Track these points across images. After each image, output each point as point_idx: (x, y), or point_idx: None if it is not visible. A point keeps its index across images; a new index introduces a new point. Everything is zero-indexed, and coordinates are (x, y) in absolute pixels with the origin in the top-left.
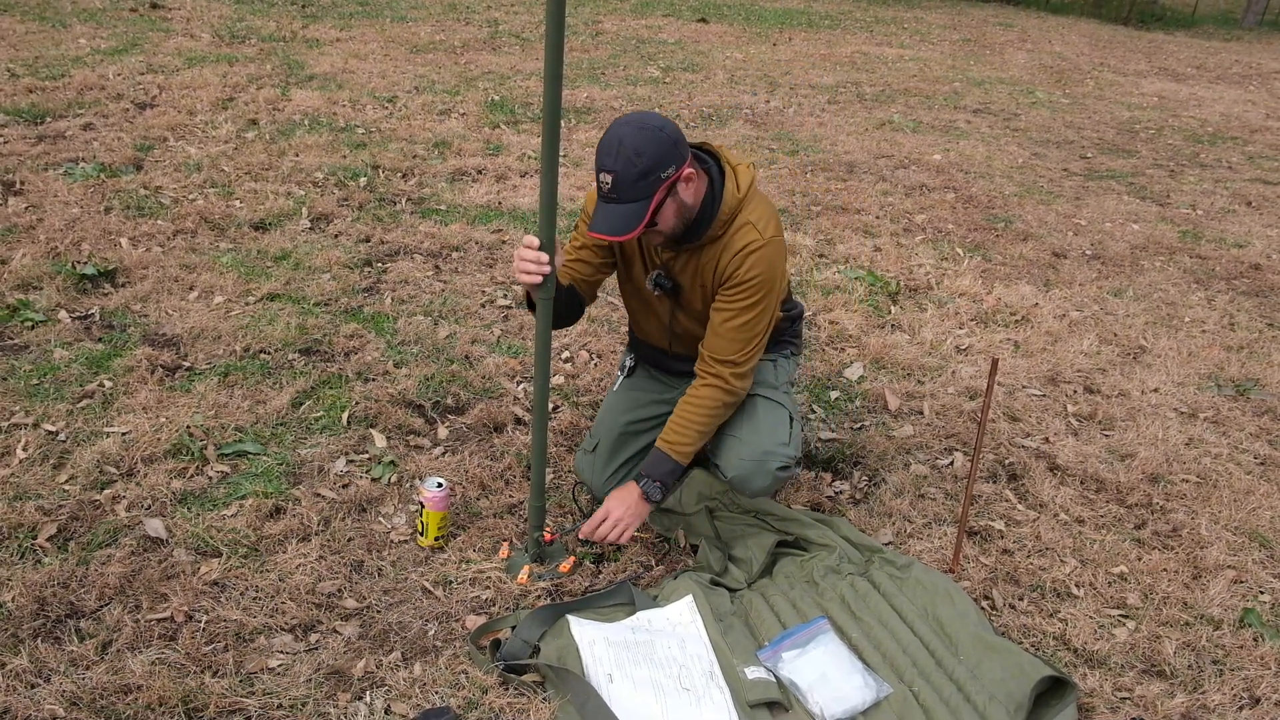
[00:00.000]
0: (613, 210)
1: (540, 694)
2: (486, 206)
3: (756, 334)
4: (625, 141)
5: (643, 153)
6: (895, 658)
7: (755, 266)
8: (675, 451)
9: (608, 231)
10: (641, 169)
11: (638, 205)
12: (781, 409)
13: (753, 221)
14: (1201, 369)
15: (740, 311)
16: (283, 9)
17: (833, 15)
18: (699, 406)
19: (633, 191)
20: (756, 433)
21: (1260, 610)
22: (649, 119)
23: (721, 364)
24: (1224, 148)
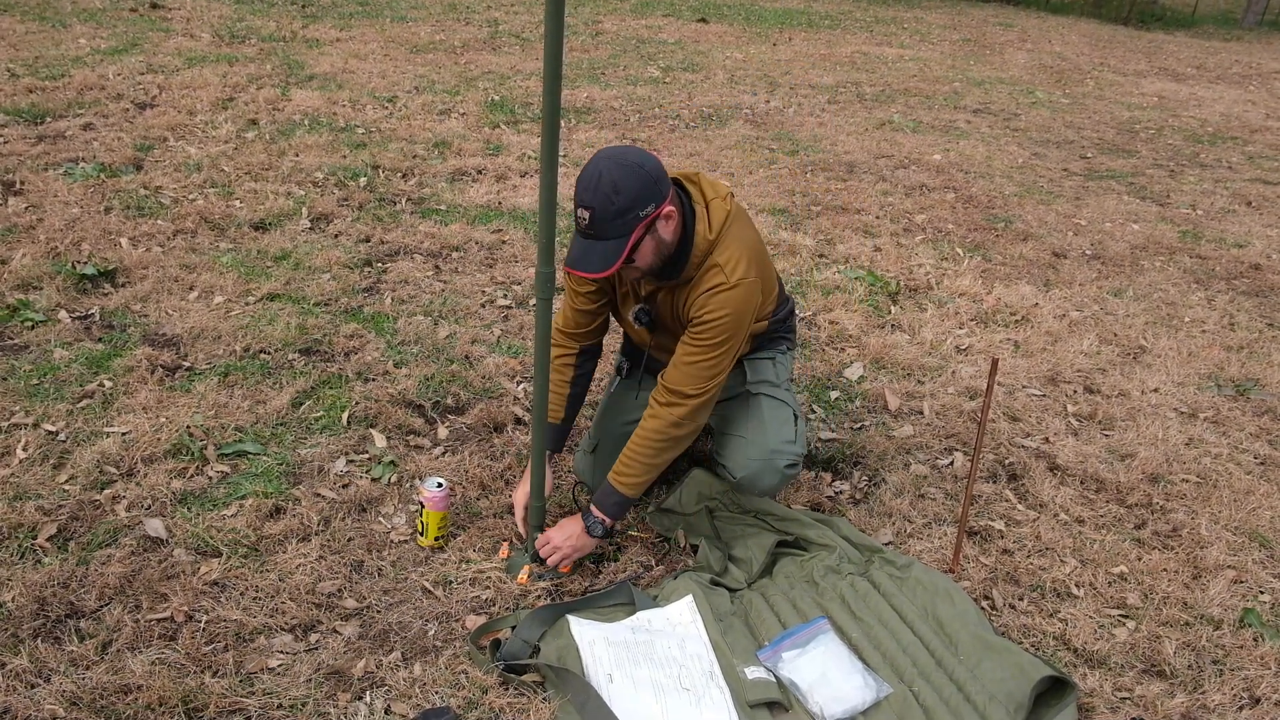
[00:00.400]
0: (590, 246)
1: (540, 694)
2: (486, 206)
3: (717, 373)
4: (604, 176)
5: (621, 190)
6: (895, 658)
7: (721, 308)
8: (623, 484)
9: (584, 268)
10: (619, 206)
11: (615, 243)
12: (785, 406)
13: (720, 264)
14: (1201, 369)
15: (703, 350)
16: (283, 9)
17: (833, 15)
18: (645, 439)
19: (610, 229)
20: (762, 432)
21: (1260, 610)
22: (629, 154)
23: (676, 396)
24: (1224, 148)
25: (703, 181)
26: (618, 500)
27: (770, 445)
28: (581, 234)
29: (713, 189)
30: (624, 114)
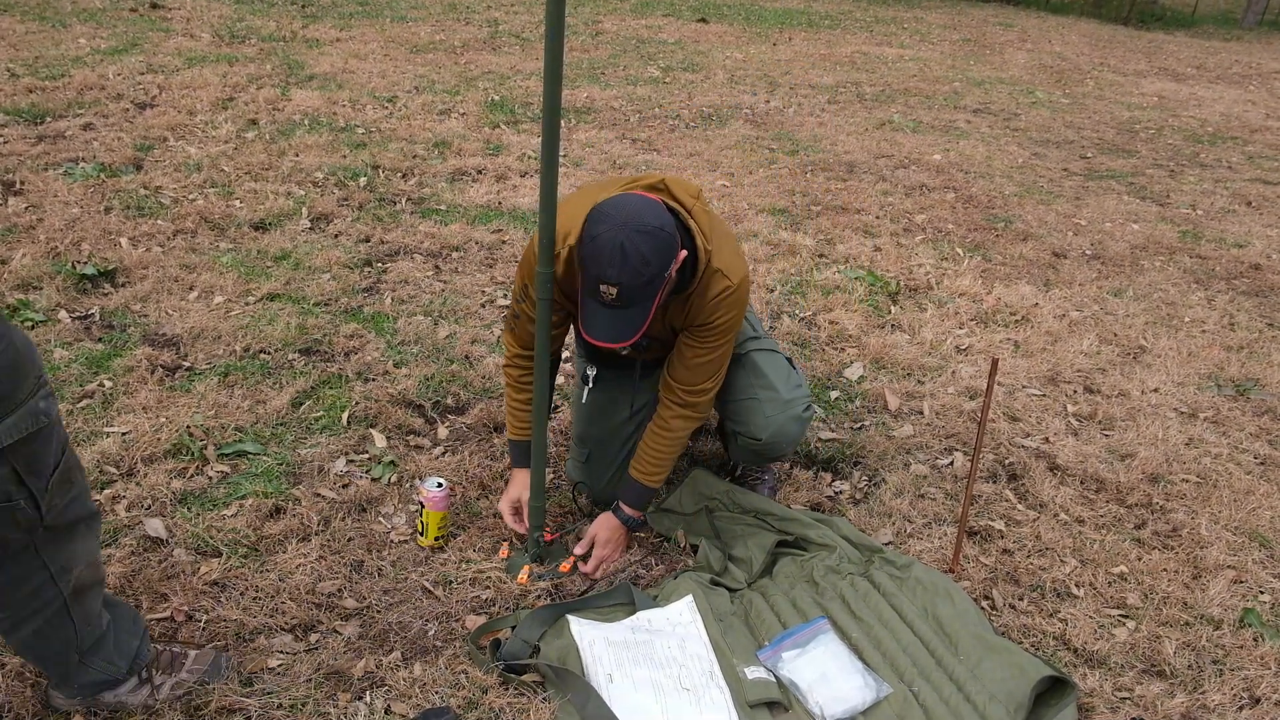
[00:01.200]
0: (615, 316)
1: (540, 694)
2: (486, 206)
3: (723, 365)
4: (629, 250)
5: (650, 260)
6: (895, 657)
7: (728, 311)
8: (651, 480)
9: (612, 340)
10: (649, 276)
11: (642, 307)
12: (776, 355)
13: (722, 269)
14: (1201, 369)
15: (712, 349)
16: (283, 9)
17: (833, 15)
18: (670, 439)
19: (639, 297)
20: (770, 387)
21: (1260, 610)
22: (645, 216)
23: (693, 393)
24: (1224, 148)
25: (672, 186)
26: (649, 496)
27: (784, 397)
28: (604, 305)
29: (685, 192)
30: (624, 114)
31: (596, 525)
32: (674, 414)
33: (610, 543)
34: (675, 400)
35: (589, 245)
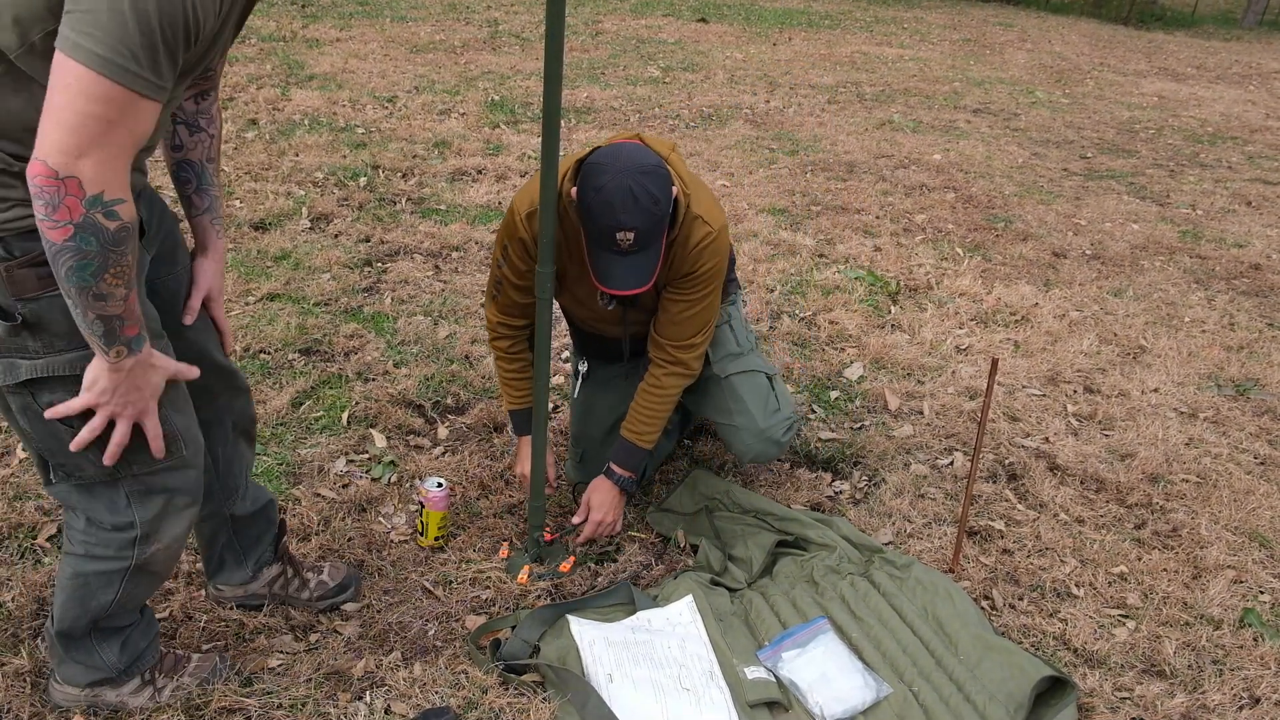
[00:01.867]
0: (631, 262)
1: (540, 694)
2: (486, 206)
3: (710, 317)
4: (638, 191)
5: (659, 199)
6: (895, 657)
7: (710, 259)
8: (643, 440)
9: (635, 285)
10: (660, 215)
11: (655, 248)
12: (758, 375)
13: (701, 215)
14: (1201, 369)
15: (697, 301)
16: (283, 9)
17: (833, 15)
18: (663, 396)
19: (651, 238)
20: (748, 415)
21: (1260, 610)
22: (643, 157)
23: (683, 348)
24: (1224, 148)
25: (649, 140)
26: (641, 457)
27: (760, 426)
28: (621, 254)
29: (662, 145)
30: (624, 114)
31: (590, 490)
32: (665, 371)
33: (605, 505)
34: (665, 358)
35: (595, 196)
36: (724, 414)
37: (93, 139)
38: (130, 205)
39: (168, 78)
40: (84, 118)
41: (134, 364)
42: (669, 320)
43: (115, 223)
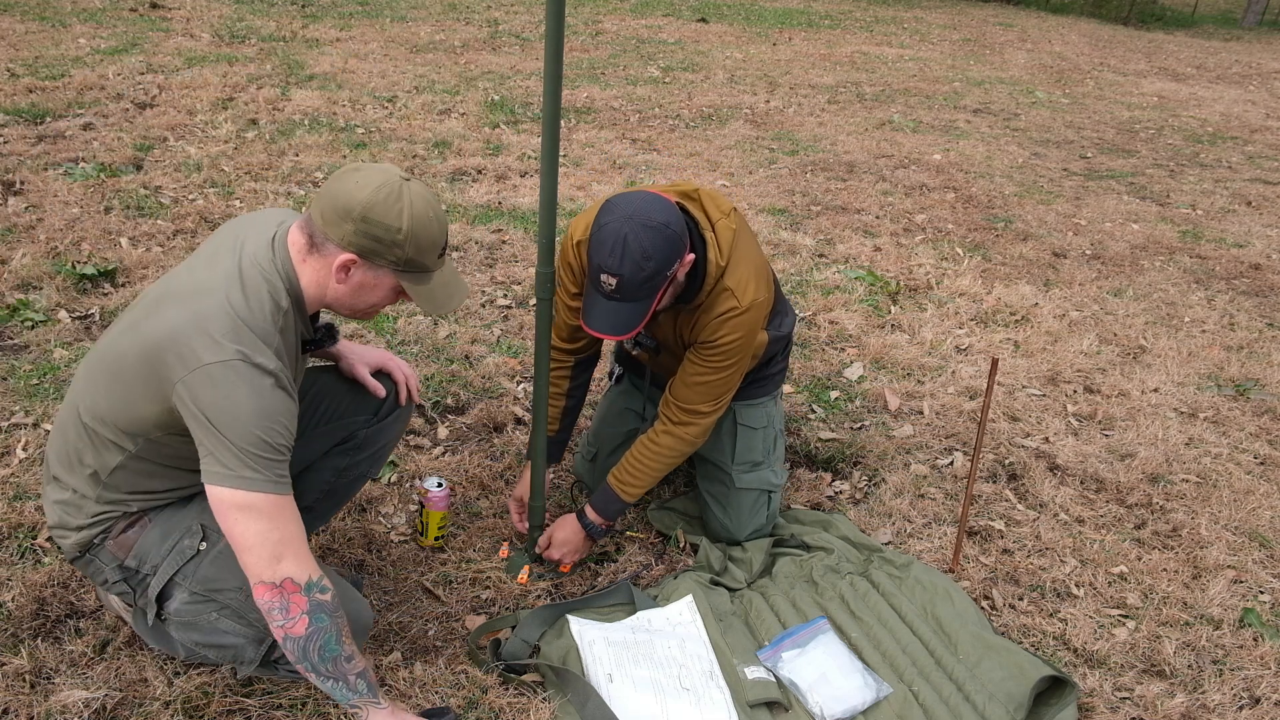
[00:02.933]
0: (613, 309)
1: (540, 694)
2: (486, 206)
3: (727, 390)
4: (630, 242)
5: (651, 256)
6: (895, 657)
7: (732, 332)
8: (626, 493)
9: (607, 330)
10: (649, 272)
11: (641, 304)
12: (762, 494)
13: (731, 288)
14: (1201, 369)
15: (714, 370)
16: (283, 9)
17: (833, 15)
18: (658, 454)
19: (638, 292)
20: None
21: (1260, 610)
22: (652, 212)
23: (690, 415)
24: (1224, 148)
25: (704, 199)
26: (619, 508)
27: (736, 533)
28: (604, 296)
29: (716, 207)
30: (624, 114)
31: (557, 525)
32: (664, 429)
33: (565, 546)
34: (670, 417)
35: (595, 234)
36: (718, 505)
37: (277, 544)
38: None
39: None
40: (259, 534)
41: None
42: (682, 380)
43: (328, 594)
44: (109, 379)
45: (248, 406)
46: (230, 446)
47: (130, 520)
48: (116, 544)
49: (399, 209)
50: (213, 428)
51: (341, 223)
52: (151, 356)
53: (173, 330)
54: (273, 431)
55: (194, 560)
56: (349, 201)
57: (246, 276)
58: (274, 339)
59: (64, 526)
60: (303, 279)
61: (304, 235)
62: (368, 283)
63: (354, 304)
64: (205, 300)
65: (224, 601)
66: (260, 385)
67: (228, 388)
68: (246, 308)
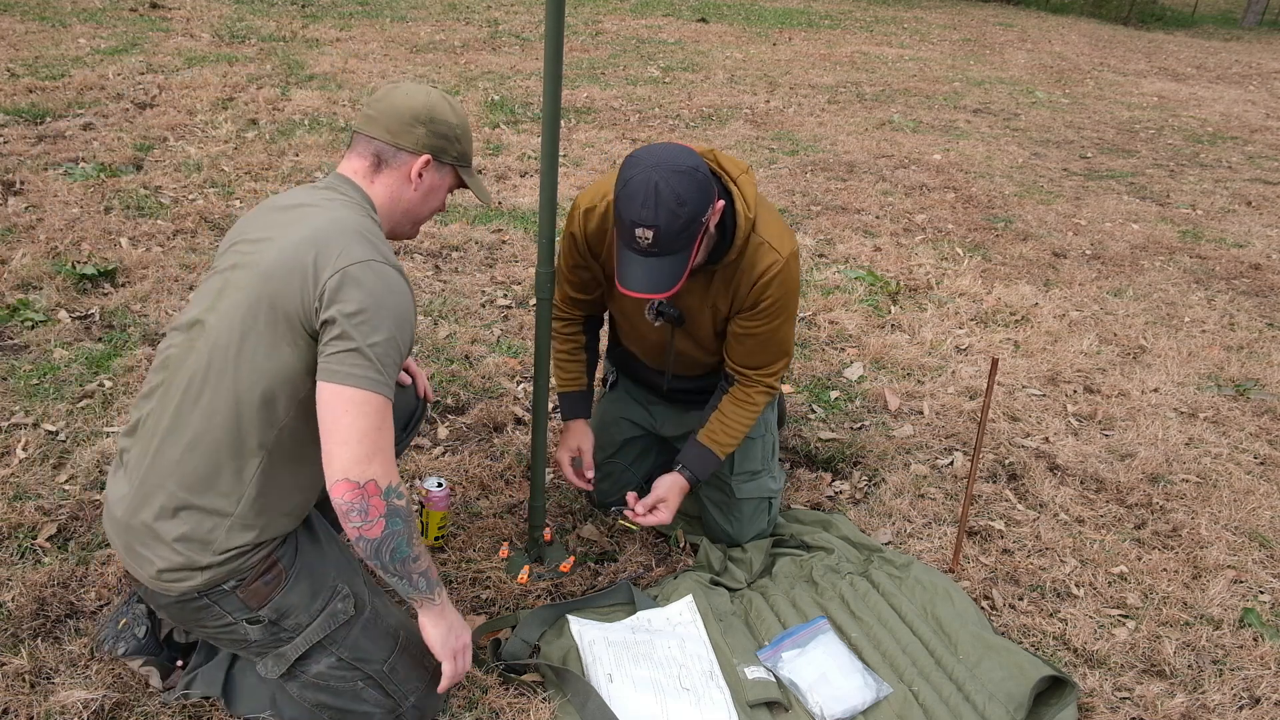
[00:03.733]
0: (651, 265)
1: (540, 694)
2: (486, 206)
3: (788, 338)
4: (663, 189)
5: (685, 200)
6: (895, 657)
7: (783, 285)
8: (722, 450)
9: (648, 289)
10: (686, 218)
11: (680, 256)
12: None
13: (769, 240)
14: (1201, 369)
15: (773, 329)
16: (283, 9)
17: (833, 15)
18: (750, 409)
19: (676, 243)
20: (736, 525)
21: (1260, 610)
22: (679, 158)
23: (764, 375)
24: (1224, 148)
25: (721, 158)
26: (714, 464)
27: (744, 540)
28: (640, 253)
29: (734, 166)
30: (624, 114)
31: (659, 484)
32: (754, 389)
33: (672, 505)
34: (745, 384)
35: (621, 190)
36: (719, 512)
37: (375, 444)
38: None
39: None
40: (364, 431)
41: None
42: (746, 353)
43: (403, 500)
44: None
45: (391, 308)
46: (368, 346)
47: (266, 565)
48: (248, 593)
49: (452, 108)
50: (356, 325)
51: (413, 128)
52: (293, 269)
53: (310, 237)
54: (405, 336)
55: (345, 626)
56: (413, 108)
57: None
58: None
59: (188, 567)
60: (376, 198)
61: (366, 159)
62: (435, 184)
63: (420, 211)
64: (315, 220)
65: (369, 672)
66: (399, 288)
67: (374, 286)
68: (360, 222)
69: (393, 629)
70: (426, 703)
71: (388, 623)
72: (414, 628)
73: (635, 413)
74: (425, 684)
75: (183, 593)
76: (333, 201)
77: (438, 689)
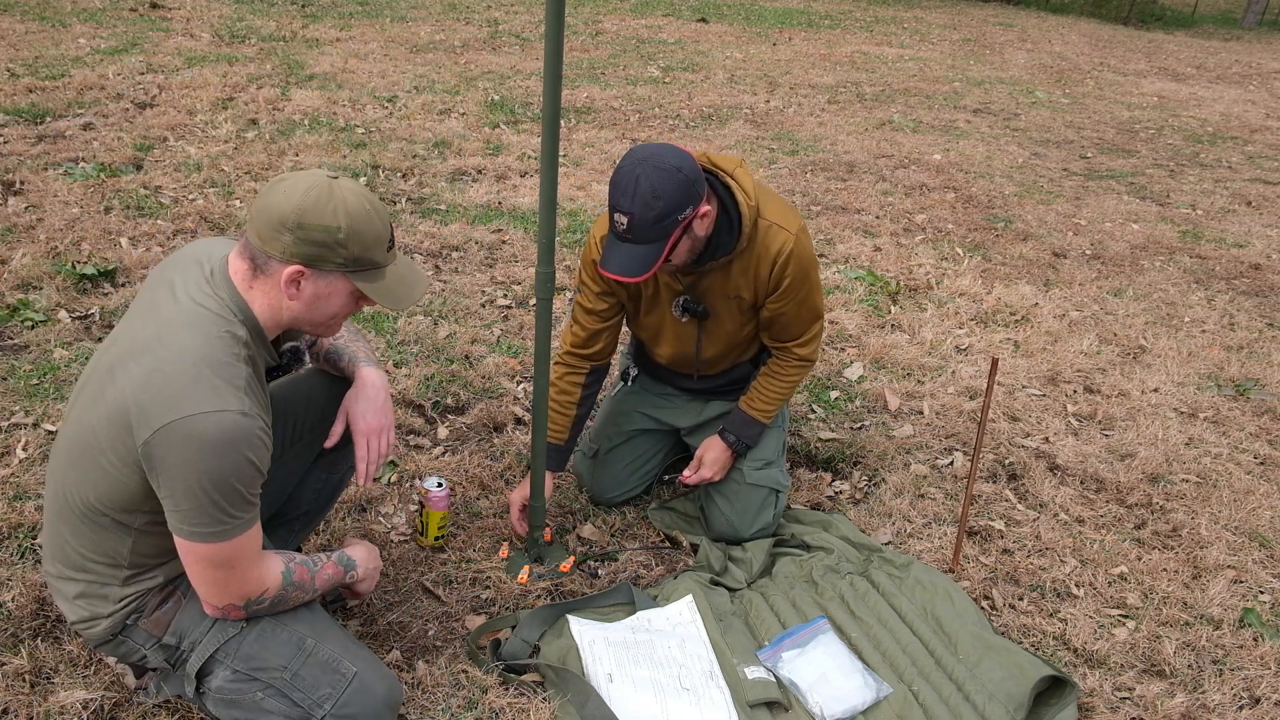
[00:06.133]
0: (627, 250)
1: (540, 694)
2: (486, 206)
3: (818, 303)
4: (642, 182)
5: (660, 195)
6: (895, 657)
7: (798, 263)
8: (763, 416)
9: (620, 271)
10: (659, 211)
11: (653, 246)
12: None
13: (776, 221)
14: (1201, 369)
15: (800, 302)
16: (283, 9)
17: (833, 15)
18: (787, 381)
19: (649, 233)
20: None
21: (1260, 610)
22: (666, 157)
23: (801, 347)
24: (1224, 148)
25: (714, 158)
26: (759, 431)
27: (743, 534)
28: (618, 237)
29: (728, 162)
30: (624, 114)
31: (705, 446)
32: (789, 364)
33: (717, 462)
34: (782, 357)
35: (611, 179)
36: (724, 500)
37: (224, 582)
38: (276, 579)
39: (255, 504)
40: (211, 577)
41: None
42: (781, 328)
43: (264, 603)
44: (88, 460)
45: (207, 470)
46: (193, 508)
47: (163, 595)
48: (151, 622)
49: (333, 207)
50: (173, 492)
51: (279, 236)
52: (117, 423)
53: (132, 391)
54: (237, 478)
55: (236, 638)
56: (281, 212)
57: (192, 318)
58: (240, 372)
59: (93, 618)
60: (254, 305)
61: (245, 260)
62: (321, 293)
63: (313, 318)
64: (158, 353)
65: (268, 680)
66: (218, 439)
67: (183, 454)
68: (202, 348)
69: (297, 637)
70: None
71: (291, 630)
72: (328, 632)
73: (650, 406)
74: (343, 691)
75: (96, 637)
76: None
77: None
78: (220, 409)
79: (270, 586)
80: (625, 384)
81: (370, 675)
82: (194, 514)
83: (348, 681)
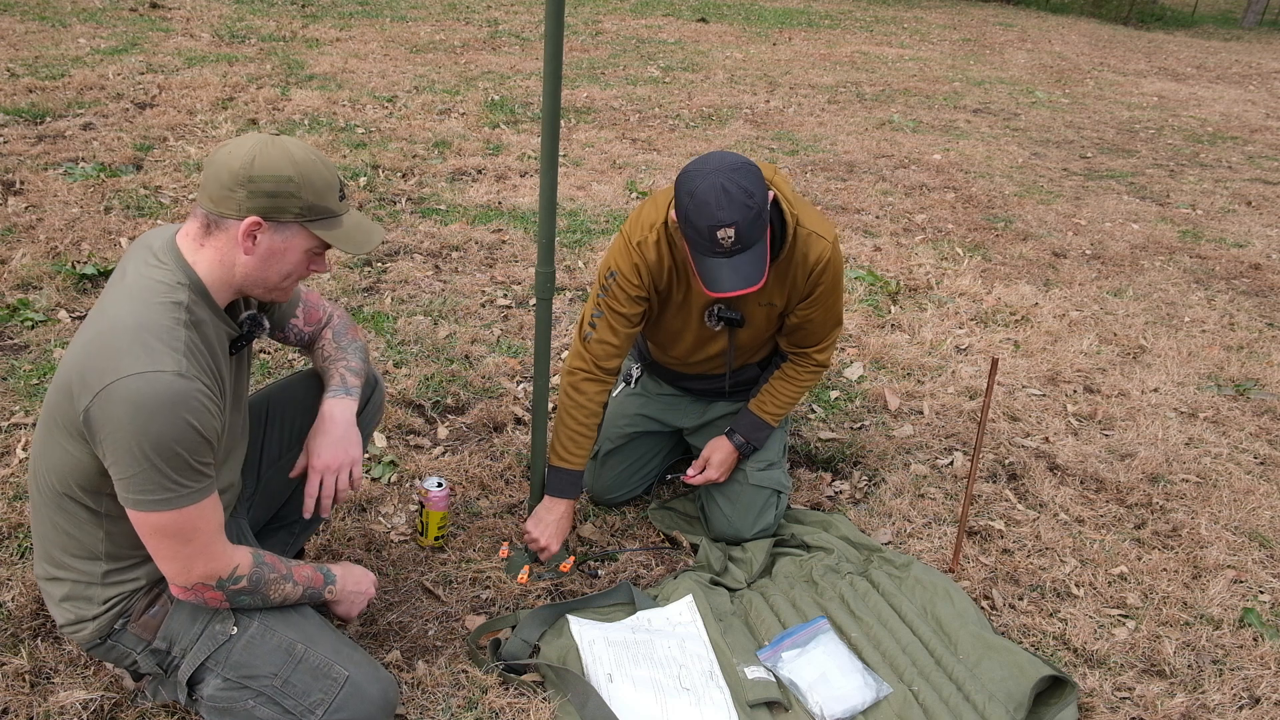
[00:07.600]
0: (739, 262)
1: (540, 694)
2: (486, 206)
3: (841, 312)
4: (730, 188)
5: (752, 192)
6: (895, 657)
7: (832, 272)
8: (772, 418)
9: (742, 285)
10: (757, 207)
11: (759, 246)
12: (772, 493)
13: (815, 230)
14: (1201, 369)
15: (829, 308)
16: (283, 9)
17: (833, 15)
18: (798, 385)
19: (754, 233)
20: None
21: (1260, 610)
22: (730, 158)
23: (820, 352)
24: (1224, 148)
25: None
26: (766, 430)
27: (744, 535)
28: (725, 254)
29: (766, 168)
30: (624, 114)
31: (711, 446)
32: (804, 369)
33: (724, 463)
34: (800, 362)
35: (690, 201)
36: (725, 500)
37: (187, 556)
38: (245, 557)
39: (206, 475)
40: (171, 550)
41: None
42: (806, 333)
43: (242, 583)
44: (49, 439)
45: (148, 432)
46: (138, 473)
47: (150, 598)
48: (140, 626)
49: (280, 158)
50: (119, 459)
51: (231, 194)
52: (63, 393)
53: (73, 361)
54: (179, 442)
55: (226, 646)
56: (230, 169)
57: (134, 289)
58: (179, 335)
59: (80, 620)
60: (201, 267)
61: (197, 223)
62: (276, 247)
63: (266, 276)
64: (98, 324)
65: (259, 689)
66: (157, 401)
67: (121, 409)
68: (140, 314)
69: (287, 643)
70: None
71: (281, 636)
72: (320, 637)
73: (652, 408)
74: (335, 696)
75: (85, 640)
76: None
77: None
78: (155, 369)
79: (241, 563)
80: (627, 385)
81: (364, 679)
82: (138, 481)
83: (340, 686)
